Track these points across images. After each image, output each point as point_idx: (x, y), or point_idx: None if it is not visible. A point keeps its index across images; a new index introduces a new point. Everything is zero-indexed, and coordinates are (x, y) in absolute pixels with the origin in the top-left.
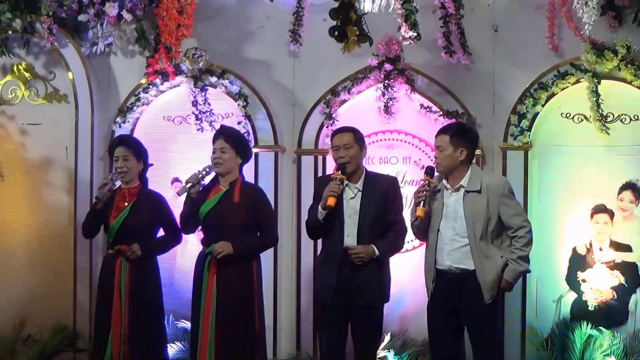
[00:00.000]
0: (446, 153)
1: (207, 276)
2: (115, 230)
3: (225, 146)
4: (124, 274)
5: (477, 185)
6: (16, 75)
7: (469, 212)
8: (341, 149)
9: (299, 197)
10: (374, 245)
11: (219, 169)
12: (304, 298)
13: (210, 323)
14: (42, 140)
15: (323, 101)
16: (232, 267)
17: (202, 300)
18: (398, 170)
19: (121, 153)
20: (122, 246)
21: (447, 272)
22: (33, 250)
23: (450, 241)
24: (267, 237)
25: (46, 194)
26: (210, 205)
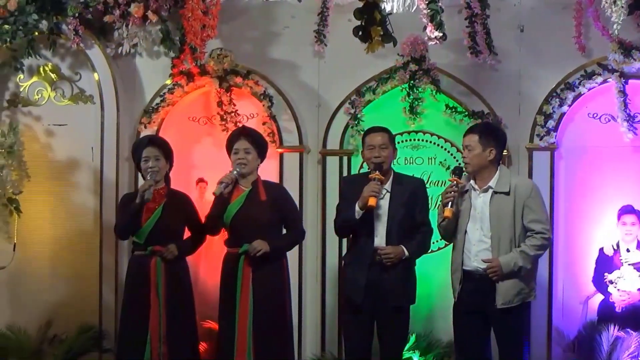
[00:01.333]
0: (475, 152)
1: (242, 277)
2: (147, 231)
3: (249, 147)
4: (159, 274)
5: (505, 187)
6: (42, 76)
7: (495, 213)
8: (376, 149)
9: (324, 198)
10: (403, 246)
11: (244, 169)
12: (329, 298)
13: (247, 324)
14: (67, 141)
15: (348, 101)
16: (267, 266)
17: (236, 301)
18: (423, 171)
19: (152, 153)
20: (156, 247)
21: (474, 273)
22: (59, 250)
23: (477, 242)
24: (296, 232)
25: (72, 195)
26: (237, 205)
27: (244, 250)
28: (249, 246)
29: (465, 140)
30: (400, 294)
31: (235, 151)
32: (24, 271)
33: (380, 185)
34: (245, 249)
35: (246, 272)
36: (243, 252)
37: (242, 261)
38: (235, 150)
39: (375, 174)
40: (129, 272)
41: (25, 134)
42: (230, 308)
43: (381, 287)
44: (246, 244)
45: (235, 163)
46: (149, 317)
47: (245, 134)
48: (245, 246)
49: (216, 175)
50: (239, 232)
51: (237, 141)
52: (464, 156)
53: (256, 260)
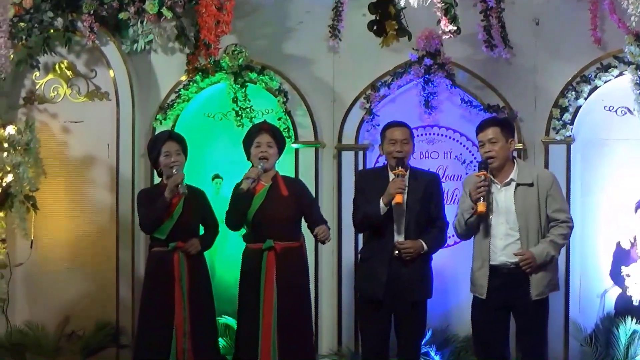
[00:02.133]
0: (500, 145)
1: (266, 272)
2: (170, 226)
3: (271, 141)
4: (183, 270)
5: (528, 178)
6: (58, 73)
7: (521, 206)
8: (398, 143)
9: (340, 193)
10: (422, 241)
11: (267, 164)
12: (345, 293)
13: (272, 321)
14: (83, 137)
15: (363, 96)
16: (292, 261)
17: (260, 298)
18: (439, 165)
19: (173, 148)
20: (178, 243)
21: (502, 268)
22: (75, 247)
23: (504, 237)
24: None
25: (88, 191)
26: (259, 201)
27: (267, 245)
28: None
29: (487, 134)
30: (418, 288)
31: (257, 144)
32: (41, 268)
33: (404, 181)
34: (269, 245)
35: (270, 268)
36: (267, 248)
37: (266, 257)
38: (257, 143)
39: (399, 170)
40: (149, 269)
41: (41, 131)
42: (252, 305)
43: (400, 282)
44: (269, 239)
45: (257, 157)
46: (173, 313)
47: (266, 128)
48: (269, 242)
49: (232, 171)
50: (261, 227)
51: (259, 135)
52: (489, 150)
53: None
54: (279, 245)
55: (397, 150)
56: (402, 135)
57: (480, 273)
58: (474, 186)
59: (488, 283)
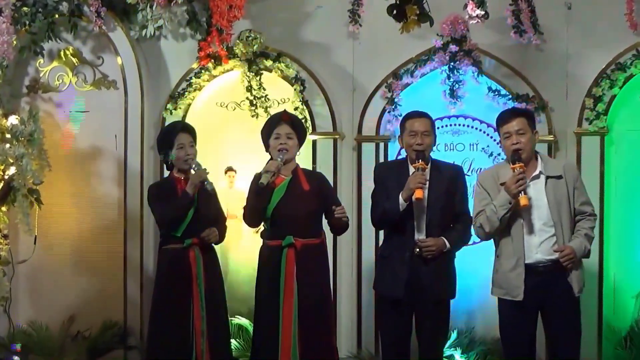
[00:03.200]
0: (528, 136)
1: (285, 270)
2: (188, 221)
3: (291, 132)
4: (200, 267)
5: (556, 170)
6: (63, 60)
7: (552, 199)
8: (419, 135)
9: (360, 187)
10: (444, 238)
11: (286, 155)
12: (365, 292)
13: (293, 321)
14: (90, 128)
15: (384, 85)
16: (313, 258)
17: (280, 296)
18: (464, 158)
19: (187, 140)
20: (194, 239)
21: (537, 266)
22: (81, 244)
23: (538, 233)
24: None
25: (95, 185)
26: (279, 196)
27: (288, 242)
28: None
29: (514, 125)
30: (441, 287)
31: (276, 136)
32: (45, 265)
33: (425, 175)
34: (290, 242)
35: (290, 266)
36: (286, 245)
37: (285, 255)
38: (276, 135)
39: (419, 164)
40: (163, 267)
41: (45, 122)
42: (271, 304)
43: (421, 281)
44: (289, 235)
45: (277, 149)
46: (190, 313)
47: (286, 118)
48: (289, 238)
49: (245, 164)
50: (281, 223)
51: (279, 126)
52: (517, 141)
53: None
54: (299, 242)
55: (417, 143)
56: (423, 126)
57: (514, 274)
58: (512, 180)
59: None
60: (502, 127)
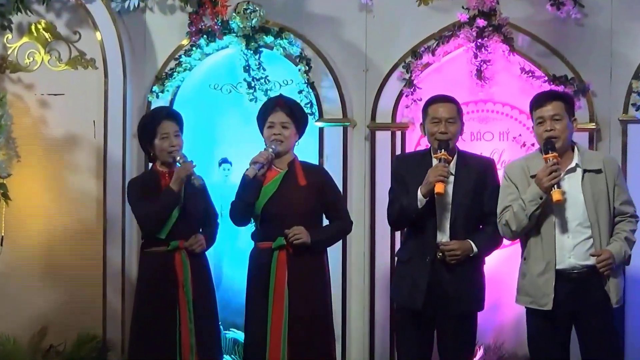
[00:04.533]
0: (564, 123)
1: (275, 276)
2: (172, 223)
3: (287, 120)
4: (187, 273)
5: (596, 163)
6: (34, 36)
7: (590, 195)
8: (442, 123)
9: (373, 182)
10: (470, 241)
11: (280, 147)
12: (379, 302)
13: (282, 332)
14: (65, 113)
15: (402, 65)
16: (305, 261)
17: (269, 304)
18: (494, 149)
19: (172, 128)
20: (180, 242)
21: (570, 272)
22: (54, 245)
23: (572, 233)
24: (342, 223)
25: (70, 179)
26: (271, 191)
27: (279, 244)
28: (288, 230)
29: (549, 109)
30: (466, 298)
31: (269, 125)
32: (13, 269)
33: (448, 167)
34: (280, 243)
35: (280, 270)
36: (277, 247)
37: (276, 258)
38: (269, 123)
39: (441, 154)
40: (145, 273)
41: (14, 106)
42: (260, 313)
43: (444, 290)
44: (281, 236)
45: (270, 139)
46: (176, 325)
47: (282, 104)
48: (280, 240)
49: (243, 155)
50: (272, 222)
51: (273, 113)
52: (551, 129)
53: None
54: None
55: (440, 131)
56: (448, 112)
57: (543, 279)
58: (544, 171)
59: (555, 291)
60: (535, 112)
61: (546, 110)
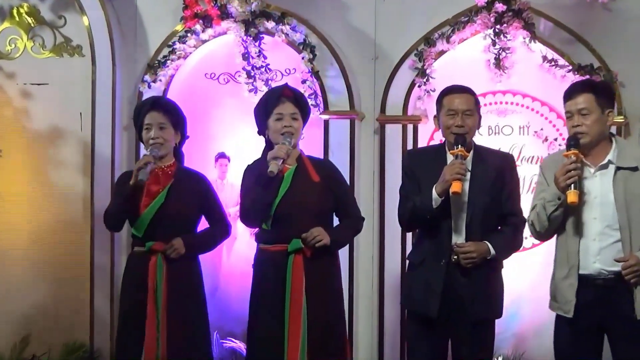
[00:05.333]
0: (594, 117)
1: (292, 281)
2: (147, 221)
3: (295, 111)
4: (160, 279)
5: (631, 160)
6: (16, 21)
7: (621, 195)
8: (459, 116)
9: (382, 179)
10: (488, 243)
11: (293, 139)
12: (388, 309)
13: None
14: (49, 104)
15: (414, 53)
16: (323, 264)
17: (285, 314)
18: (513, 144)
19: (155, 120)
20: (156, 244)
21: (596, 279)
22: (38, 245)
23: (599, 236)
24: (355, 220)
25: (55, 175)
26: (284, 189)
27: (295, 247)
28: (306, 234)
29: (577, 102)
30: (483, 304)
31: (278, 117)
32: None
33: (465, 164)
34: (297, 246)
35: (297, 275)
36: (293, 250)
37: (292, 262)
38: (277, 115)
39: (458, 150)
40: (125, 276)
41: None
42: (272, 321)
43: (459, 296)
44: (296, 239)
45: (279, 132)
46: None
47: (289, 94)
48: (296, 242)
49: (241, 149)
50: (285, 223)
51: (280, 104)
52: (578, 124)
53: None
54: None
55: (456, 125)
56: (465, 104)
57: (565, 284)
58: (562, 169)
59: (577, 297)
60: (565, 105)
61: (574, 103)
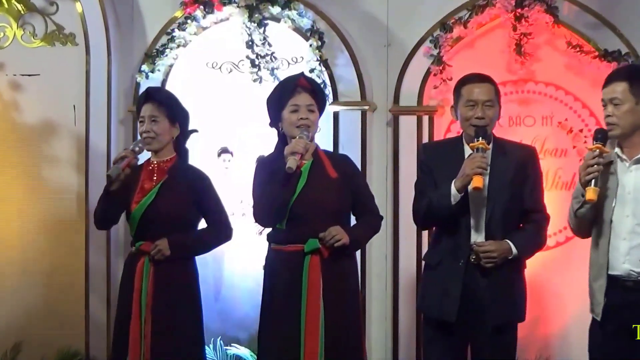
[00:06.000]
0: (625, 108)
1: (309, 284)
2: (136, 220)
3: (312, 103)
4: (145, 282)
5: None
6: (5, 8)
7: None
8: (480, 106)
9: (396, 174)
10: (509, 241)
11: (309, 133)
12: (403, 313)
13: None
14: (40, 97)
15: (429, 39)
16: (341, 265)
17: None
18: (535, 136)
19: (148, 112)
20: (144, 244)
21: (626, 280)
22: (29, 246)
23: (629, 235)
24: (374, 218)
25: (47, 172)
26: (300, 185)
27: (311, 247)
28: (323, 234)
29: (610, 91)
30: (505, 307)
31: (293, 108)
32: None
33: (486, 157)
34: (314, 247)
35: (314, 277)
36: (311, 249)
37: (308, 263)
38: (293, 107)
39: (478, 143)
40: (121, 278)
41: None
42: (288, 327)
43: (480, 299)
44: (313, 238)
45: (295, 125)
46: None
47: (305, 84)
48: (313, 242)
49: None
50: (301, 222)
51: (295, 95)
52: (609, 114)
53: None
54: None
55: (476, 116)
56: (486, 94)
57: (596, 285)
58: (583, 164)
59: (605, 299)
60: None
61: (607, 92)
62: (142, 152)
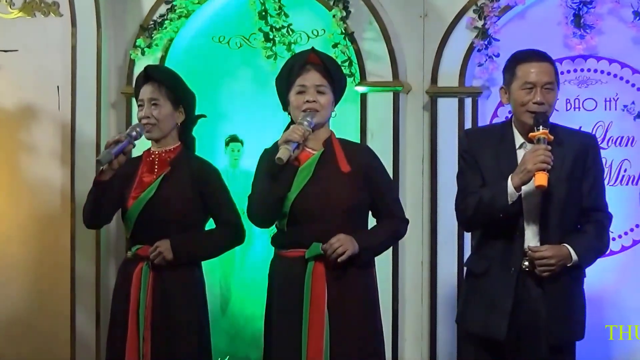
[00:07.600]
0: None
1: (311, 295)
2: (133, 219)
3: (322, 83)
4: (143, 292)
5: None
6: None
7: None
8: (538, 90)
9: (434, 165)
10: (568, 246)
11: (316, 118)
12: (442, 329)
13: None
14: (19, 76)
15: (472, 9)
16: (350, 274)
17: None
18: (598, 122)
19: (147, 94)
20: (142, 248)
21: None
22: (8, 249)
23: None
24: (396, 222)
25: (26, 163)
26: (304, 179)
27: (314, 253)
28: (325, 246)
29: None
30: (563, 323)
31: (300, 89)
32: None
33: (549, 149)
34: (317, 252)
35: (317, 287)
36: (312, 256)
37: (311, 270)
38: (299, 87)
39: (540, 132)
40: (115, 286)
41: None
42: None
43: (534, 313)
44: (316, 242)
45: (301, 108)
46: None
47: (315, 61)
48: (316, 247)
49: (257, 130)
50: (305, 222)
51: (303, 73)
52: None
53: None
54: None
55: (535, 101)
56: (546, 75)
57: None
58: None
59: None
60: None
61: None
62: (140, 137)
